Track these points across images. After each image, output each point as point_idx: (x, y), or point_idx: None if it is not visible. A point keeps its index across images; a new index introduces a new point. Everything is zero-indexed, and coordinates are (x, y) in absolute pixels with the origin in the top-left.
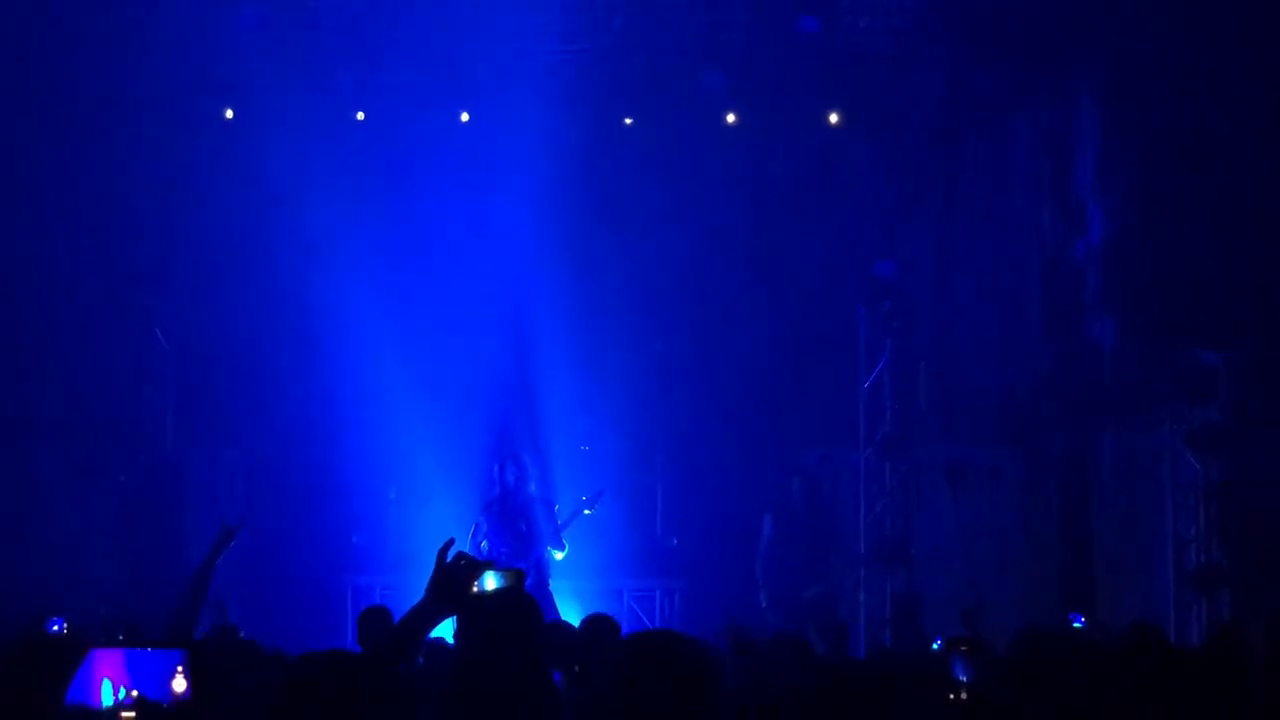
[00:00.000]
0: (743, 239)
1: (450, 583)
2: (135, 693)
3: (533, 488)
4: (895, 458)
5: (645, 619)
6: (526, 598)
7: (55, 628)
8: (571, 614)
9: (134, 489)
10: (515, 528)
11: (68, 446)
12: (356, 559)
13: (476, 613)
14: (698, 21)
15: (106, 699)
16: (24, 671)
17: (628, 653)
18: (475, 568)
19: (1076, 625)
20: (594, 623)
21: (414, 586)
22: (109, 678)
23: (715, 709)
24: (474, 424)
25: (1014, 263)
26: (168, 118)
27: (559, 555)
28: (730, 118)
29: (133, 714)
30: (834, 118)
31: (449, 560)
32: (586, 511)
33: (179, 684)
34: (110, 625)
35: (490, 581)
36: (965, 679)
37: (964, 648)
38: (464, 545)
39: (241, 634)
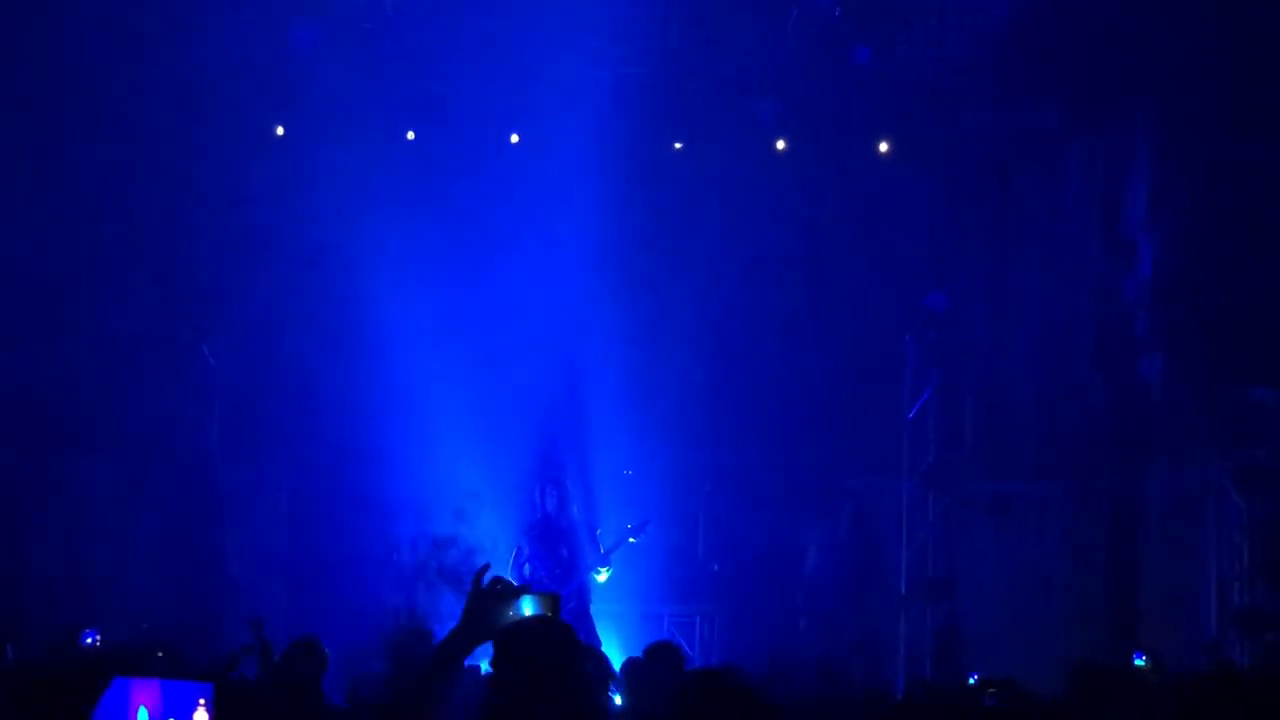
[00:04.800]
0: (792, 266)
1: (486, 608)
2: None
3: (575, 512)
4: (939, 489)
5: (685, 645)
6: (563, 624)
7: (89, 640)
8: (612, 639)
9: (178, 504)
10: (557, 552)
11: (113, 461)
12: (398, 578)
13: (513, 638)
14: (751, 48)
15: None
16: (53, 687)
17: (694, 689)
18: (511, 592)
19: (1138, 663)
20: (657, 651)
21: (455, 607)
22: (145, 705)
23: None
24: (519, 447)
25: (1064, 296)
26: (220, 134)
27: (602, 577)
28: (781, 145)
29: None
30: (884, 147)
31: (485, 585)
32: (631, 540)
33: (200, 717)
34: (151, 642)
35: (527, 607)
36: None
37: (992, 689)
38: (506, 569)
39: (276, 657)
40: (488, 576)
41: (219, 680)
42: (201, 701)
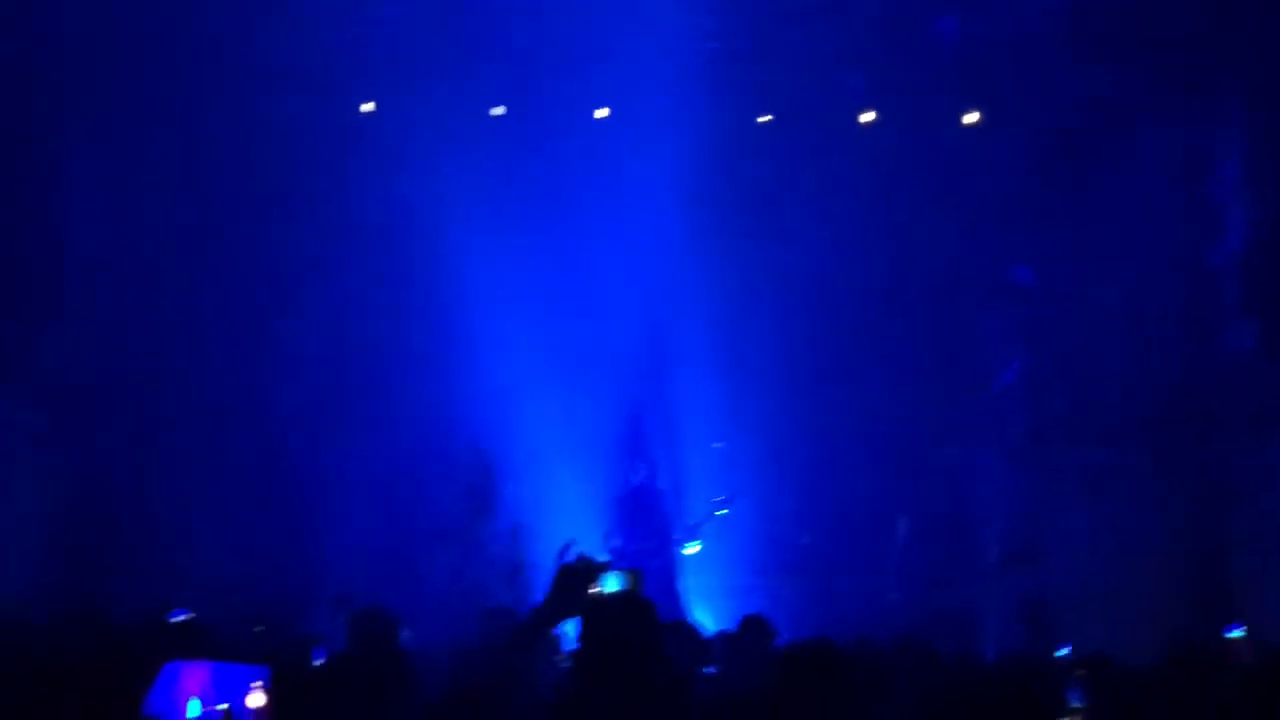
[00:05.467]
0: (877, 238)
1: (570, 584)
2: (226, 706)
3: (664, 485)
4: (1028, 460)
5: (775, 618)
6: (646, 599)
7: (179, 618)
8: (702, 612)
9: (263, 478)
10: (647, 525)
11: (199, 436)
12: (487, 554)
13: (596, 614)
14: (835, 20)
15: (193, 713)
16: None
17: (790, 660)
18: (594, 569)
19: (1234, 635)
20: (749, 624)
21: (542, 583)
22: (195, 694)
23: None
24: (607, 420)
25: (1151, 266)
26: (308, 111)
27: (691, 550)
28: (866, 117)
29: None
30: (970, 118)
31: (568, 561)
32: (720, 512)
33: (256, 700)
34: (245, 618)
35: (610, 583)
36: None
37: (1081, 671)
38: (596, 541)
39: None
40: (572, 553)
41: (276, 663)
42: (257, 685)
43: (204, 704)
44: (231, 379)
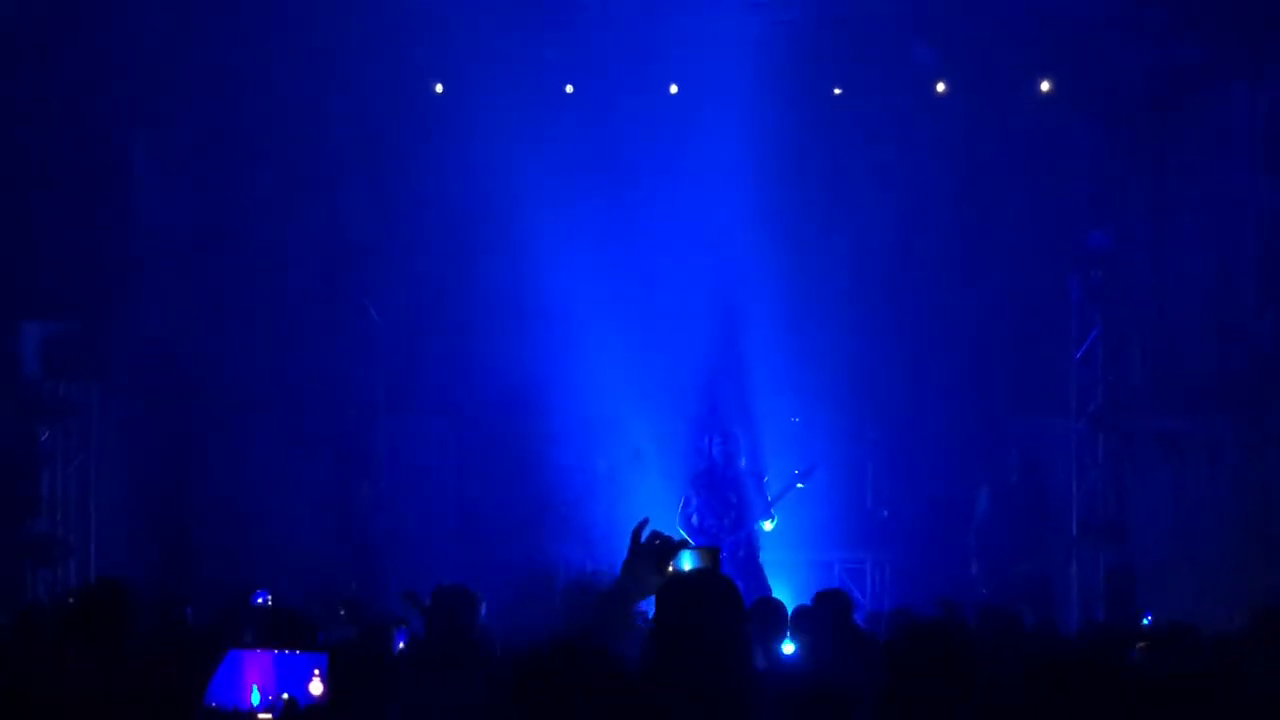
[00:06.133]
0: (953, 208)
1: (646, 562)
2: (286, 695)
3: (743, 460)
4: (1108, 429)
5: (856, 591)
6: (723, 577)
7: (260, 600)
8: (782, 587)
9: (343, 460)
10: (725, 500)
11: (280, 420)
12: (565, 530)
13: (672, 593)
14: None
15: (255, 701)
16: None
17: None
18: (670, 547)
19: None
20: (825, 597)
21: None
22: (256, 683)
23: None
24: (684, 396)
25: (1229, 231)
26: (378, 93)
27: (768, 526)
28: (940, 87)
29: (269, 715)
30: (1045, 85)
31: (644, 540)
32: (799, 485)
33: (315, 687)
34: (329, 600)
35: (686, 561)
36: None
37: (1142, 644)
38: (674, 518)
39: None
40: (647, 531)
41: (333, 651)
42: (316, 672)
43: (263, 692)
44: (306, 359)
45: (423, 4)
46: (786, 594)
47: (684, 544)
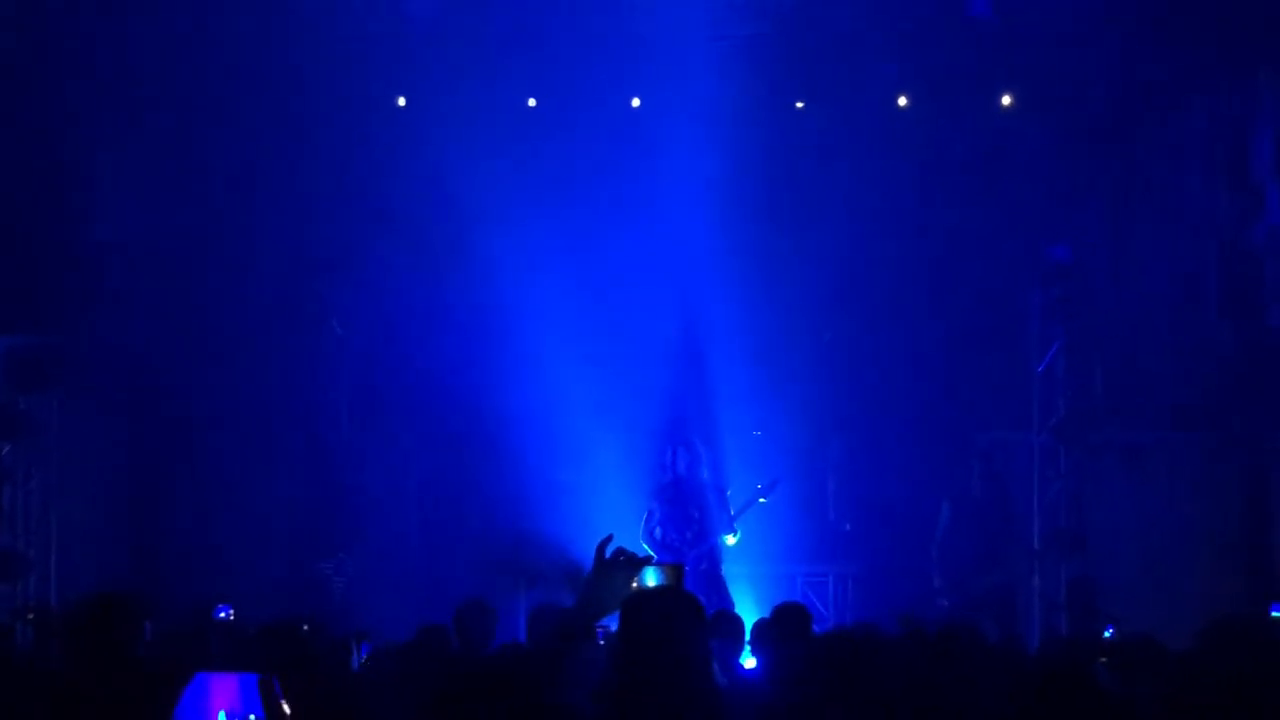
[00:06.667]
0: (915, 222)
1: (610, 579)
2: (252, 717)
3: (705, 473)
4: (1070, 442)
5: (819, 604)
6: (687, 594)
7: (223, 615)
8: (745, 600)
9: (307, 478)
10: (688, 514)
11: (244, 434)
12: (530, 544)
13: (635, 610)
14: (869, 4)
15: None
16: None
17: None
18: (635, 563)
19: (1276, 614)
20: (782, 612)
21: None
22: (224, 709)
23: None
24: (646, 410)
25: (1190, 246)
26: (340, 106)
27: (731, 540)
28: (902, 101)
29: None
30: (1006, 100)
31: (608, 556)
32: (761, 500)
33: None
34: (294, 616)
35: (650, 577)
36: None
37: (1103, 659)
38: (637, 532)
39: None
40: (611, 547)
41: (284, 672)
42: (278, 692)
43: (230, 715)
44: (270, 375)
45: (385, 18)
46: (749, 607)
47: (648, 560)
